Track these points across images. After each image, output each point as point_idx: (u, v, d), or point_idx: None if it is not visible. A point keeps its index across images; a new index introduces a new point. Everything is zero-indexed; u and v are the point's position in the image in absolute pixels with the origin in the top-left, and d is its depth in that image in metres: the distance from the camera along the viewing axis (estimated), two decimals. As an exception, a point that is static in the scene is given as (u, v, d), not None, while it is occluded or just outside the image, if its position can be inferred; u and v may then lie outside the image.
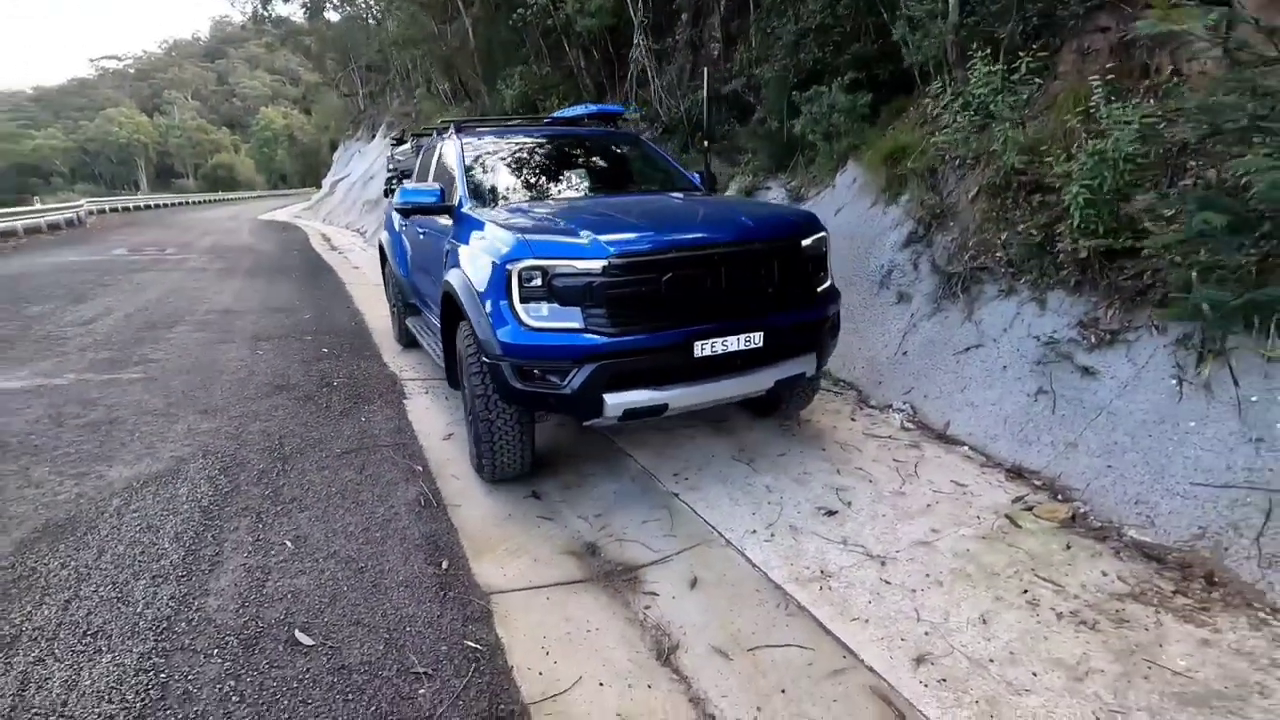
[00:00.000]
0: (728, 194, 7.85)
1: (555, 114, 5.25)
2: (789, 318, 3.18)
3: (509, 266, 2.84)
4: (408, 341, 6.01)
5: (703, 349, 2.93)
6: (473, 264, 3.16)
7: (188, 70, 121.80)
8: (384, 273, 6.43)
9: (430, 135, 5.79)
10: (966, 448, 3.63)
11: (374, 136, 28.64)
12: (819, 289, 3.38)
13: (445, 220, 3.91)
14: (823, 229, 3.45)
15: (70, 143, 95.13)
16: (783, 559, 2.66)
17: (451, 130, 4.50)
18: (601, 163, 4.53)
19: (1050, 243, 3.89)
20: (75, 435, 3.89)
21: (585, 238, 2.87)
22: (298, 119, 79.40)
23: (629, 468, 3.51)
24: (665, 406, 2.96)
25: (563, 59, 14.35)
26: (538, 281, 2.83)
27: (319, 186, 39.80)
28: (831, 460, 3.52)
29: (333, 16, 34.87)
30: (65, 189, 72.42)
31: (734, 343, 3.00)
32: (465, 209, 3.73)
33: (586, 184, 4.27)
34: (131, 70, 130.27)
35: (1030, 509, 2.99)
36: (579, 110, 4.99)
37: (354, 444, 3.82)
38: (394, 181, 6.93)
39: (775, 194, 7.88)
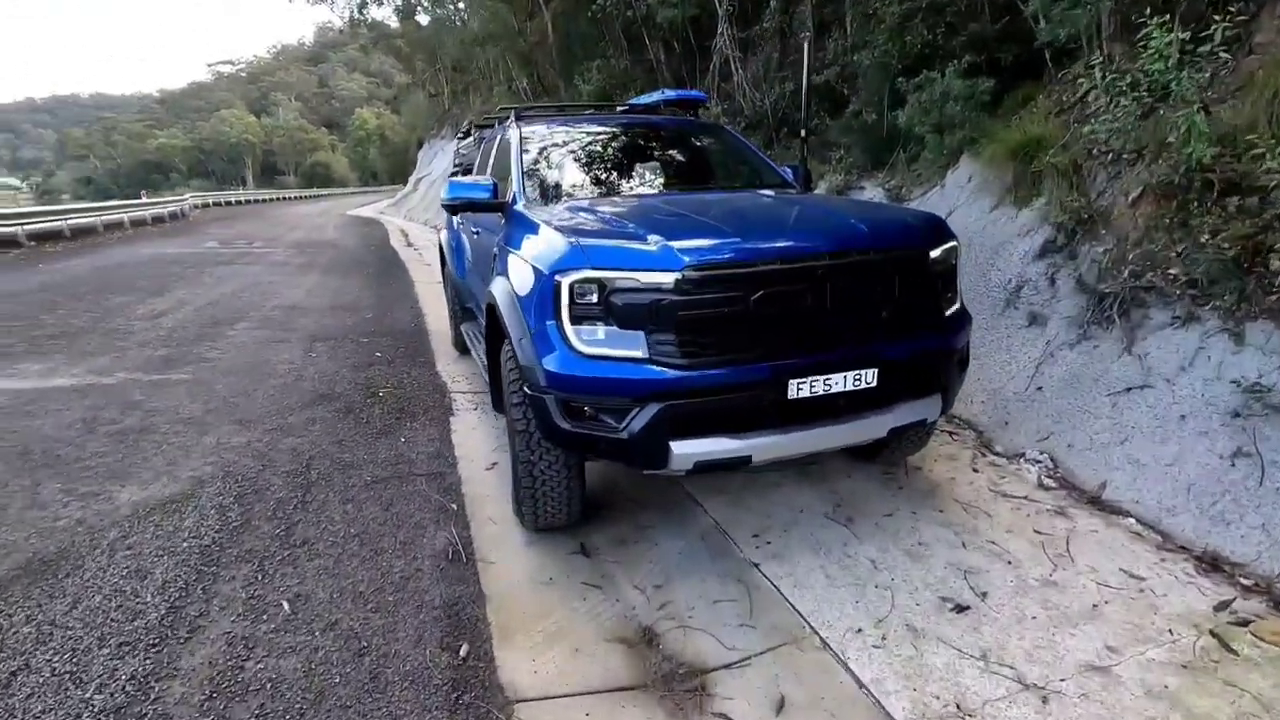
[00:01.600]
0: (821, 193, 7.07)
1: (630, 101, 4.70)
2: (910, 349, 2.50)
3: (559, 277, 2.28)
4: (463, 348, 5.61)
5: (799, 389, 2.29)
6: (519, 272, 2.63)
7: (293, 74, 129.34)
8: (443, 273, 6.06)
9: (492, 126, 5.36)
10: (1133, 520, 2.82)
11: (456, 135, 29.06)
12: (947, 312, 2.67)
13: (498, 220, 3.42)
14: (953, 236, 2.73)
15: (188, 141, 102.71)
16: (901, 679, 1.99)
17: (511, 118, 4.02)
18: (679, 155, 3.94)
19: (1252, 259, 3.02)
20: (101, 445, 3.62)
21: (654, 244, 2.28)
22: (389, 119, 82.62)
23: (697, 521, 2.90)
24: (748, 459, 2.34)
25: (642, 52, 13.83)
26: (593, 297, 2.26)
27: (405, 183, 40.97)
28: (953, 526, 2.80)
29: (423, 19, 35.85)
30: (182, 184, 78.04)
31: (840, 381, 2.34)
32: (518, 207, 3.22)
33: (661, 179, 3.68)
34: (244, 74, 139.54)
35: (1245, 624, 2.20)
36: (655, 97, 4.41)
37: (387, 471, 3.38)
38: (458, 177, 6.56)
39: (871, 194, 7.07)
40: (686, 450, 2.27)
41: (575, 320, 2.29)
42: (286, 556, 2.60)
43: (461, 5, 29.18)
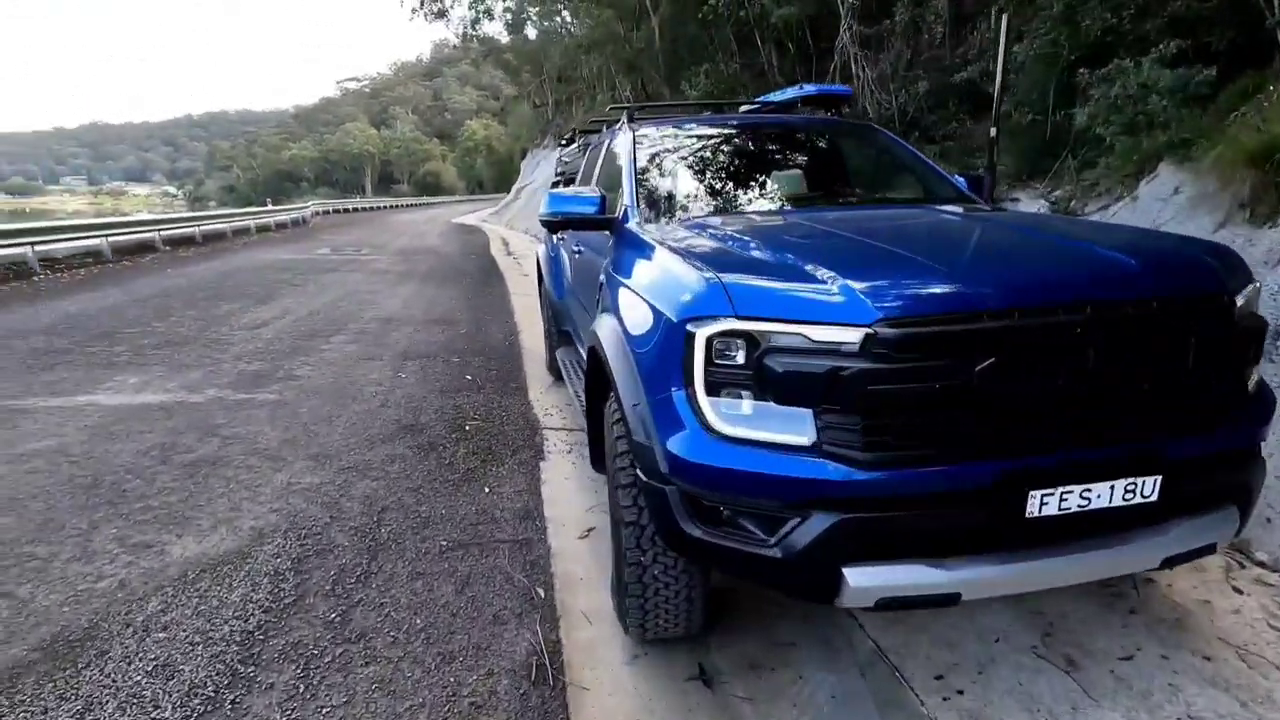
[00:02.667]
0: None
1: (762, 98, 4.04)
2: (1207, 444, 1.70)
3: (692, 328, 1.65)
4: (559, 373, 5.11)
5: (1043, 503, 1.56)
6: (633, 313, 2.02)
7: (410, 88, 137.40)
8: (540, 290, 5.60)
9: (598, 130, 4.84)
10: None
11: (558, 143, 29.34)
12: (1251, 385, 1.84)
13: (606, 239, 2.85)
14: (1251, 275, 1.90)
15: (316, 153, 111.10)
16: None
17: (623, 120, 3.45)
18: (826, 162, 3.24)
19: None
20: (170, 480, 3.33)
21: (828, 284, 1.61)
22: (496, 130, 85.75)
23: (854, 645, 2.18)
24: (956, 597, 1.61)
25: (752, 55, 13.12)
26: (739, 357, 1.62)
27: (508, 192, 42.00)
28: (1233, 689, 1.95)
29: (531, 33, 36.71)
30: (309, 192, 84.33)
31: (1104, 493, 1.58)
32: (631, 225, 2.64)
33: (805, 191, 3.00)
34: (367, 90, 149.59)
35: None
36: (791, 93, 3.73)
37: (466, 533, 2.87)
38: (560, 189, 6.11)
39: (1029, 206, 6.05)
40: (868, 581, 1.58)
41: (713, 388, 1.65)
42: (338, 657, 2.10)
43: (567, 16, 29.52)
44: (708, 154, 3.19)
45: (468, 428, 4.11)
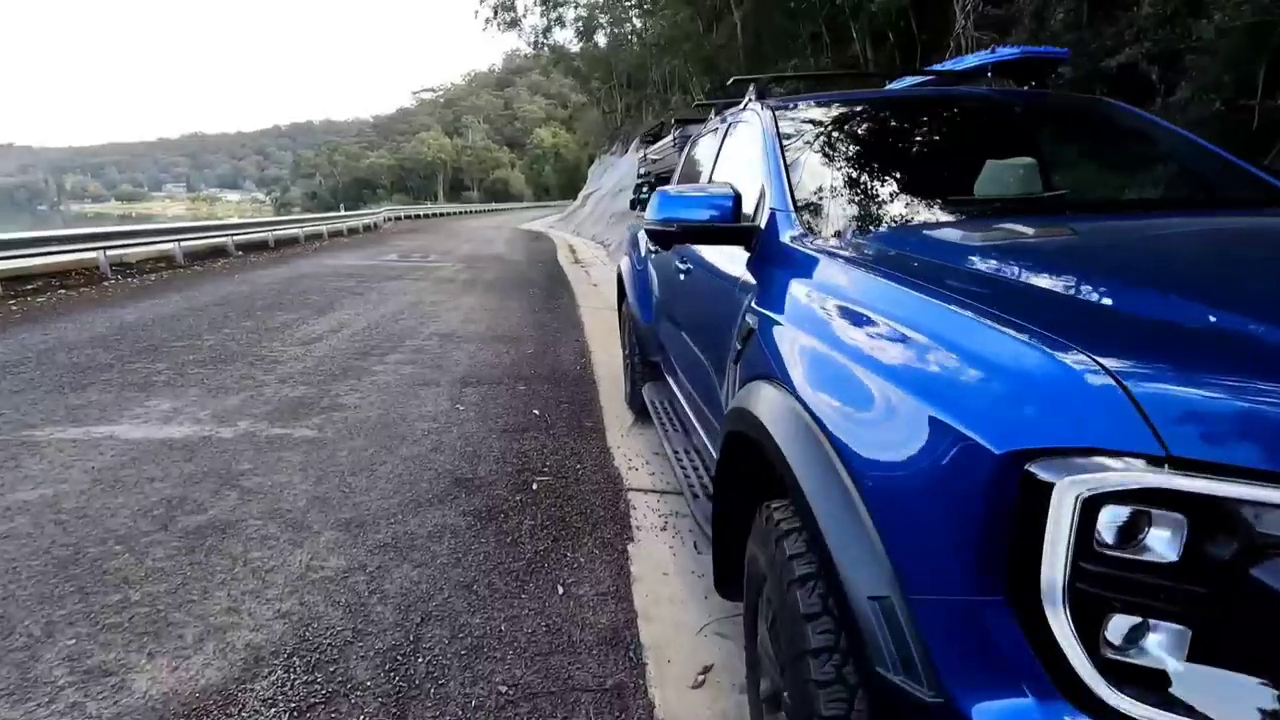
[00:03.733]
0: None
1: (934, 67, 3.08)
2: None
3: (1046, 474, 0.75)
4: (641, 409, 4.27)
5: None
6: (856, 401, 1.12)
7: (482, 98, 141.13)
8: (620, 310, 4.77)
9: (701, 119, 3.97)
10: None
11: (627, 150, 28.80)
12: None
13: (736, 260, 1.98)
14: None
15: (392, 160, 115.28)
16: None
17: (750, 98, 2.58)
18: (1058, 149, 2.27)
19: None
20: (165, 556, 2.64)
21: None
22: (564, 137, 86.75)
23: None
24: None
25: (844, 49, 12.05)
26: (1165, 548, 0.71)
27: (575, 198, 41.87)
28: None
29: (601, 40, 36.52)
30: (385, 197, 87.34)
31: None
32: (787, 237, 1.76)
33: (1035, 190, 2.03)
34: (441, 100, 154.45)
35: None
36: (977, 59, 2.76)
37: (533, 670, 2.03)
38: (644, 190, 5.28)
39: (1228, 214, 4.84)
40: None
41: (1092, 609, 0.75)
42: None
43: (638, 23, 28.99)
44: (885, 140, 2.27)
45: (535, 486, 3.30)
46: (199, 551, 2.66)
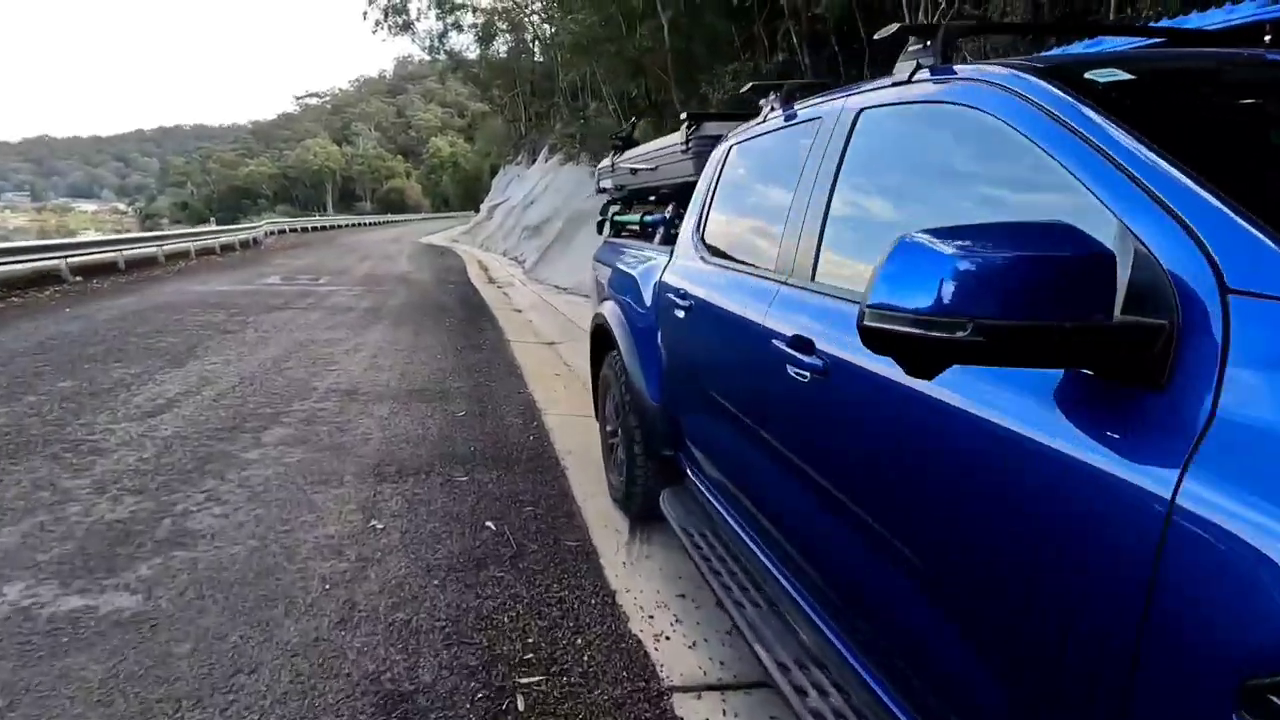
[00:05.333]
0: None
1: (1169, 22, 2.05)
2: None
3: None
4: (639, 509, 3.06)
5: None
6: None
7: (373, 104, 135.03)
8: (597, 375, 3.52)
9: (735, 118, 2.82)
10: None
11: (534, 160, 27.44)
12: None
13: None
14: None
15: (275, 169, 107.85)
16: None
17: (933, 50, 1.43)
18: None
19: None
20: None
21: None
22: (462, 147, 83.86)
23: None
24: None
25: (779, 55, 11.32)
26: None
27: (477, 210, 39.90)
28: None
29: (502, 47, 35.01)
30: (268, 209, 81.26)
31: None
32: None
33: None
34: (328, 105, 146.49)
35: None
36: (1251, 10, 1.76)
37: None
38: (618, 213, 4.08)
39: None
40: None
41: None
42: None
43: (546, 29, 27.77)
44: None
45: (521, 705, 2.00)
46: None
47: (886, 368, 1.26)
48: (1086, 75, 1.15)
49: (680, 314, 2.38)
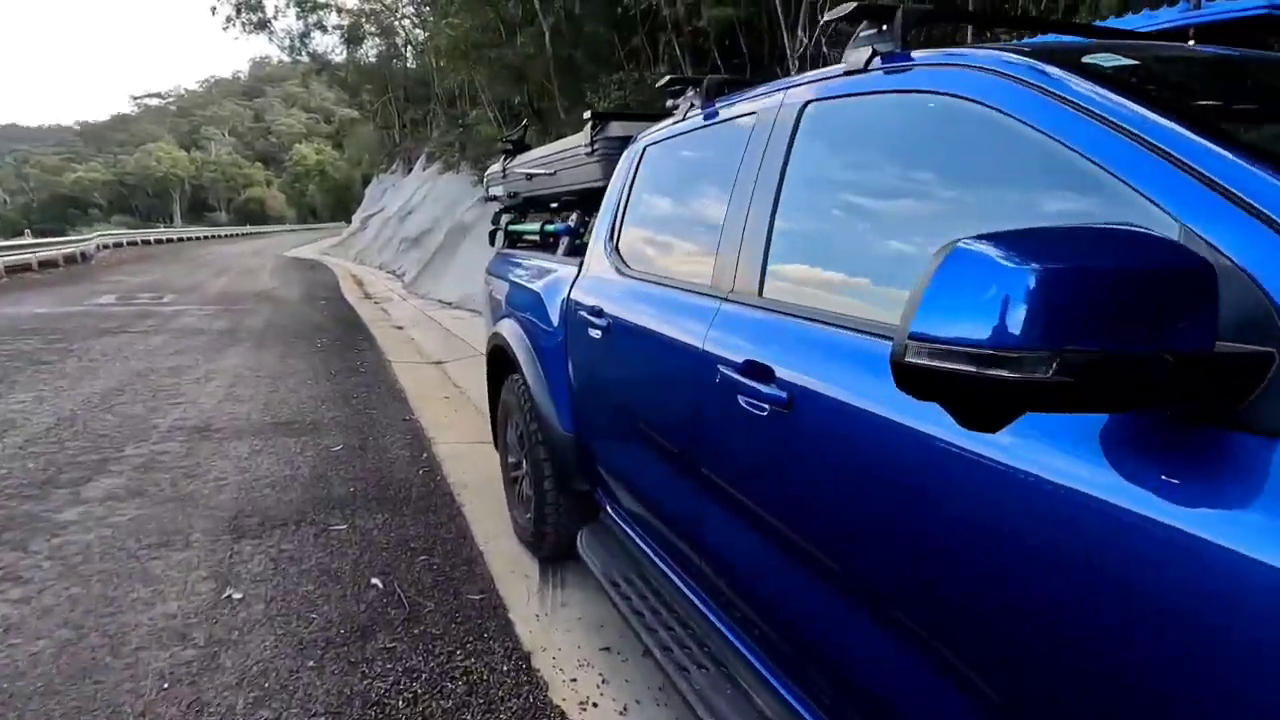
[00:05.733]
0: None
1: (1107, 24, 1.97)
2: None
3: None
4: (551, 550, 2.75)
5: None
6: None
7: (226, 108, 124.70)
8: (496, 400, 3.16)
9: (665, 112, 2.60)
10: None
11: (410, 169, 26.22)
12: None
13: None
14: None
15: (110, 175, 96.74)
16: None
17: (891, 35, 1.26)
18: None
19: None
20: None
21: None
22: (330, 154, 79.10)
23: None
24: None
25: (663, 65, 11.36)
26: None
27: (348, 221, 37.67)
28: None
29: (371, 51, 33.36)
30: (102, 220, 72.79)
31: None
32: None
33: None
34: (172, 107, 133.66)
35: None
36: (1175, 14, 1.74)
37: None
38: (513, 221, 3.75)
39: None
40: None
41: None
42: None
43: (419, 33, 26.74)
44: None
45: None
46: None
47: (873, 403, 1.06)
48: (1085, 60, 1.00)
49: (596, 334, 2.11)
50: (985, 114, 1.03)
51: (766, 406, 1.29)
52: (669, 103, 2.28)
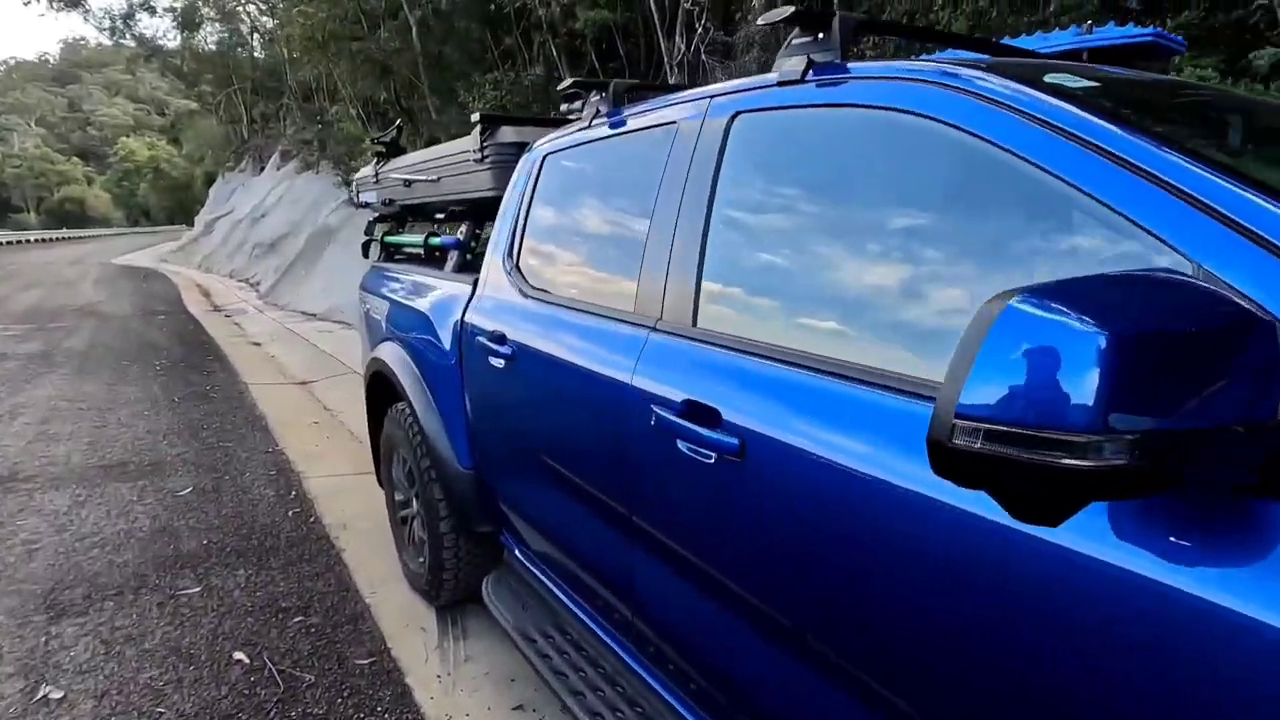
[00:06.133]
0: None
1: (1013, 42, 1.97)
2: None
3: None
4: (450, 597, 2.49)
5: None
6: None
7: (32, 95, 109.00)
8: (378, 432, 2.83)
9: (560, 118, 2.40)
10: None
11: (262, 168, 24.11)
12: None
13: None
14: None
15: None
16: None
17: (830, 44, 1.15)
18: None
19: None
20: None
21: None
22: (165, 150, 71.27)
23: None
24: None
25: (537, 65, 11.12)
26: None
27: (190, 224, 34.09)
28: None
29: (211, 38, 30.40)
30: None
31: None
32: None
33: None
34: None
35: None
36: (1071, 38, 1.76)
37: None
38: (390, 232, 3.40)
39: None
40: None
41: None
42: None
43: (266, 20, 24.71)
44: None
45: None
46: None
47: (846, 458, 0.94)
48: (1048, 79, 0.94)
49: (499, 363, 1.88)
50: (952, 135, 0.94)
51: (713, 454, 1.15)
52: (564, 107, 2.11)
